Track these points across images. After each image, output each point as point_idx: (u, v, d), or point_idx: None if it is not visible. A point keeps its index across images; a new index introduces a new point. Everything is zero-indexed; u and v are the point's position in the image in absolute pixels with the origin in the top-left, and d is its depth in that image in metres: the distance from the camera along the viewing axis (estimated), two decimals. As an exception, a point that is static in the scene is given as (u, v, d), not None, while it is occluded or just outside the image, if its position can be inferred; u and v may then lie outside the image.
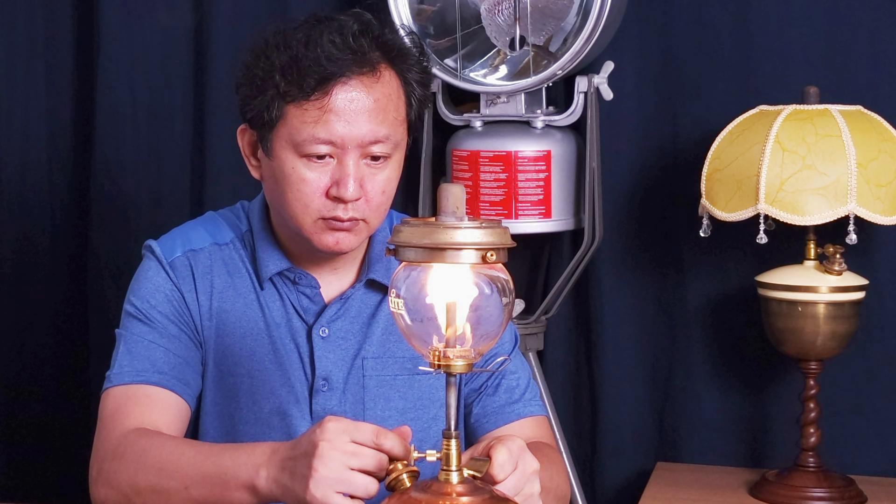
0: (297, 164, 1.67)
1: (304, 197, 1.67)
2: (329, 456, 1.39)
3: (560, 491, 1.71)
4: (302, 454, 1.42)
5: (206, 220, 1.84)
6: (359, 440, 1.40)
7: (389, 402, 1.78)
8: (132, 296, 1.78)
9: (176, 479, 1.55)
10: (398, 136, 1.69)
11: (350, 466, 1.39)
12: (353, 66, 1.65)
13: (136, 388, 1.70)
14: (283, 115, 1.67)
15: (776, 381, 2.47)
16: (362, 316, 1.79)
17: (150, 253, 1.80)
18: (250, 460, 1.49)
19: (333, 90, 1.64)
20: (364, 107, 1.65)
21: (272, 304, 1.77)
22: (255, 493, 1.49)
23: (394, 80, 1.69)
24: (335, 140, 1.65)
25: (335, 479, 1.39)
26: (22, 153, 2.78)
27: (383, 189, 1.70)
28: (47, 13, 2.77)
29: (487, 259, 1.30)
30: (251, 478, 1.48)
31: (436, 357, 1.34)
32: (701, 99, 2.47)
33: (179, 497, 1.55)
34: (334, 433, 1.40)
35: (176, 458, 1.57)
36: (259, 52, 1.69)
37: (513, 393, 1.82)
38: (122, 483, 1.60)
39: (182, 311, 1.76)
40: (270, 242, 1.78)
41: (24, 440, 2.79)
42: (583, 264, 2.45)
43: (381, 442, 1.40)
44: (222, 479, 1.51)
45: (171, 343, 1.73)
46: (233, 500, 1.51)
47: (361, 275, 1.79)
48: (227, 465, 1.51)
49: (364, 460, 1.40)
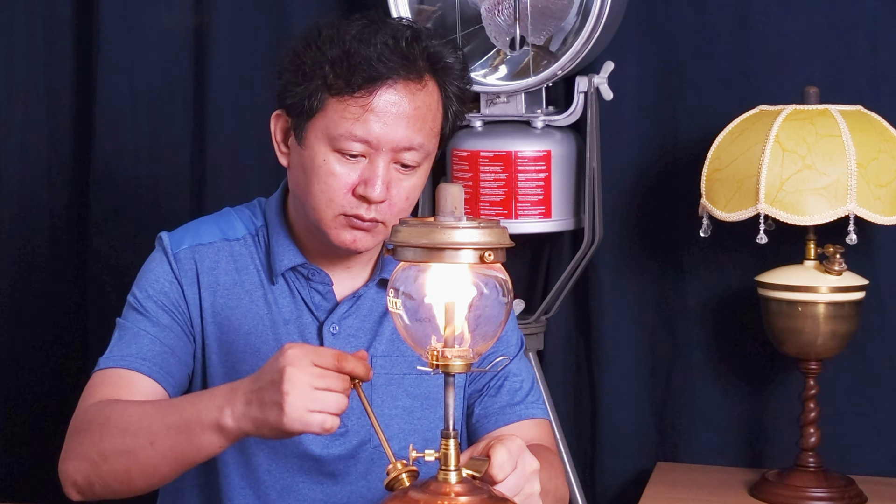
0: (329, 157, 1.68)
1: (330, 190, 1.68)
2: (298, 378, 1.43)
3: (559, 493, 1.71)
4: (269, 382, 1.45)
5: (220, 216, 1.86)
6: (321, 364, 1.44)
7: (397, 401, 1.79)
8: (135, 286, 1.80)
9: (140, 436, 1.56)
10: (430, 147, 1.71)
11: (317, 387, 1.43)
12: (401, 70, 1.66)
13: (115, 371, 1.71)
14: (323, 106, 1.68)
15: (776, 381, 2.47)
16: (373, 315, 1.80)
17: (159, 244, 1.81)
18: (212, 402, 1.51)
19: (378, 91, 1.66)
20: (404, 112, 1.67)
21: (282, 299, 1.78)
22: (222, 433, 1.50)
23: (436, 91, 1.71)
24: (371, 140, 1.66)
25: (308, 398, 1.43)
26: (21, 153, 2.78)
27: (407, 196, 1.71)
28: (47, 13, 2.77)
29: (485, 259, 1.30)
30: (216, 419, 1.50)
31: (434, 357, 1.35)
32: (701, 99, 2.47)
33: (145, 454, 1.56)
34: (297, 357, 1.44)
35: (138, 417, 1.58)
36: (311, 41, 1.70)
37: (515, 395, 1.82)
38: (88, 452, 1.60)
39: (178, 303, 1.77)
40: (286, 237, 1.79)
41: (24, 440, 2.79)
42: (583, 264, 2.45)
43: (342, 365, 1.45)
44: (187, 426, 1.53)
45: (160, 332, 1.74)
46: (200, 445, 1.52)
47: (374, 274, 1.80)
48: (188, 412, 1.53)
49: (330, 381, 1.44)
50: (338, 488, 1.77)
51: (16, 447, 2.80)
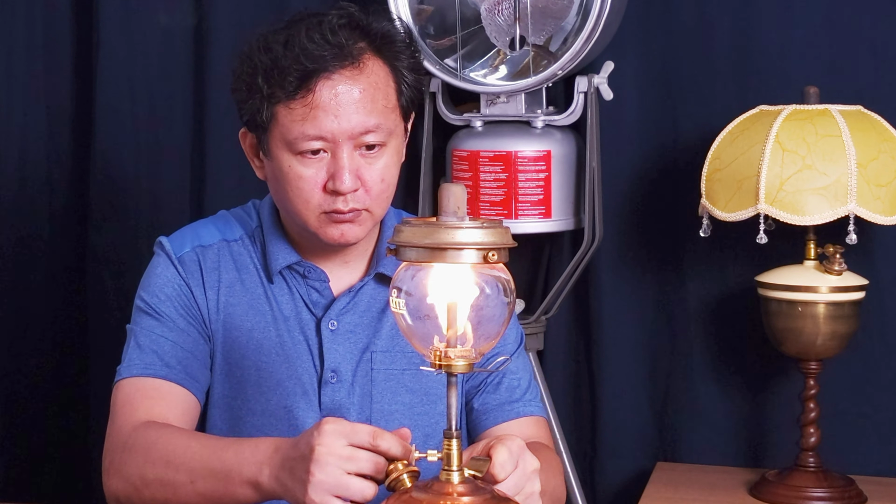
0: (293, 161, 1.69)
1: (303, 193, 1.70)
2: (325, 461, 1.40)
3: (557, 492, 1.72)
4: (300, 457, 1.43)
5: (217, 219, 1.87)
6: (356, 443, 1.41)
7: (397, 397, 1.79)
8: (142, 291, 1.80)
9: (182, 473, 1.57)
10: (390, 124, 1.71)
11: (347, 471, 1.40)
12: (333, 60, 1.66)
13: (144, 380, 1.72)
14: (273, 116, 1.69)
15: (776, 381, 2.47)
16: (372, 310, 1.80)
17: (160, 249, 1.82)
18: (254, 457, 1.51)
19: (317, 86, 1.66)
20: (350, 99, 1.67)
21: (281, 297, 1.79)
22: (258, 490, 1.50)
23: (381, 68, 1.71)
24: (325, 135, 1.67)
25: (332, 483, 1.40)
26: (21, 153, 2.78)
27: (382, 177, 1.71)
28: (47, 12, 2.77)
29: (489, 259, 1.30)
30: (254, 475, 1.50)
31: (437, 357, 1.35)
32: (701, 99, 2.47)
33: (185, 490, 1.57)
34: (331, 436, 1.41)
35: (182, 452, 1.59)
36: (244, 56, 1.72)
37: (514, 392, 1.82)
38: (131, 475, 1.62)
39: (190, 305, 1.78)
40: (280, 237, 1.80)
41: (24, 440, 2.79)
42: (583, 264, 2.45)
43: (377, 444, 1.41)
44: (226, 475, 1.53)
45: (179, 336, 1.76)
46: (237, 495, 1.53)
47: (371, 269, 1.81)
48: (231, 461, 1.53)
49: (360, 464, 1.40)
50: None
51: (15, 447, 2.79)
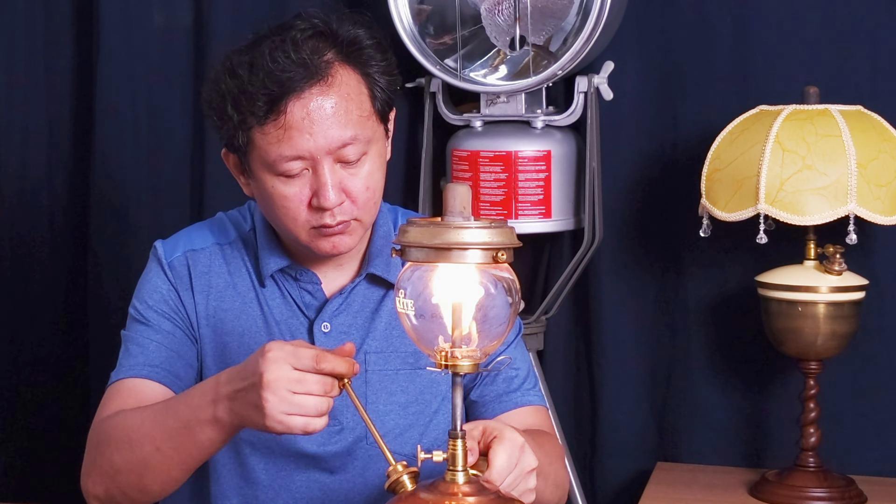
0: (276, 182, 1.68)
1: (290, 212, 1.69)
2: (276, 386, 1.44)
3: (559, 477, 1.72)
4: (250, 385, 1.47)
5: (212, 222, 1.87)
6: (299, 366, 1.45)
7: (392, 397, 1.78)
8: (135, 298, 1.81)
9: (146, 445, 1.58)
10: (368, 133, 1.68)
11: (295, 391, 1.44)
12: (301, 80, 1.63)
13: (125, 381, 1.73)
14: (249, 139, 1.67)
15: (776, 381, 2.47)
16: (365, 311, 1.80)
17: (153, 254, 1.83)
18: (203, 398, 1.54)
19: (287, 107, 1.63)
20: (323, 115, 1.64)
21: (273, 301, 1.79)
22: (219, 427, 1.53)
23: (351, 77, 1.68)
24: (303, 154, 1.65)
25: (286, 403, 1.44)
26: (21, 153, 2.78)
27: (367, 186, 1.69)
28: (47, 13, 2.77)
29: (498, 259, 1.31)
30: (210, 413, 1.52)
31: (442, 357, 1.35)
32: (701, 99, 2.47)
33: (154, 460, 1.58)
34: (276, 363, 1.45)
35: (139, 426, 1.60)
36: (211, 83, 1.70)
37: (511, 382, 1.82)
38: (103, 467, 1.63)
39: (178, 309, 1.78)
40: (272, 241, 1.80)
41: (24, 440, 2.79)
42: (583, 264, 2.45)
43: (321, 367, 1.45)
44: (185, 426, 1.55)
45: (164, 338, 1.76)
46: (202, 441, 1.55)
47: (362, 269, 1.80)
48: (184, 411, 1.55)
49: (309, 386, 1.45)
50: (336, 485, 1.77)
51: (15, 448, 2.79)
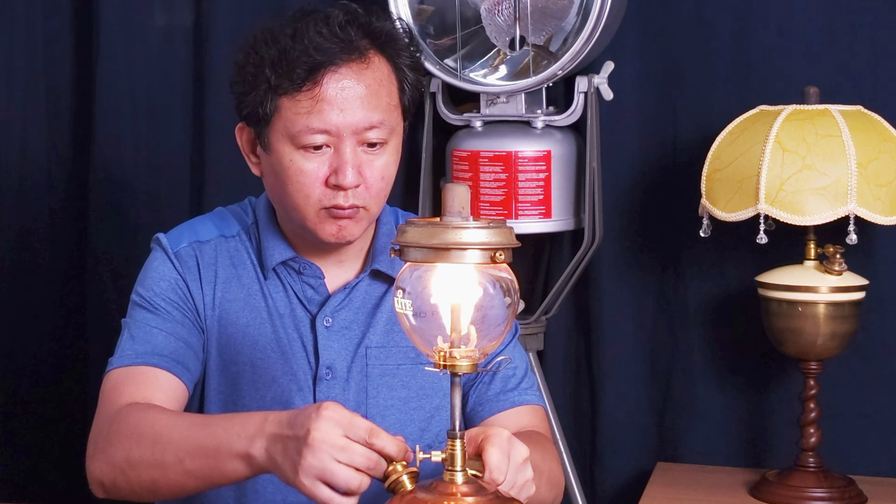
0: (295, 155, 1.69)
1: (304, 188, 1.69)
2: (319, 447, 1.40)
3: (553, 475, 1.72)
4: (294, 437, 1.42)
5: (214, 215, 1.87)
6: (351, 436, 1.41)
7: (392, 392, 1.78)
8: (138, 286, 1.80)
9: (169, 452, 1.55)
10: (393, 122, 1.71)
11: (338, 460, 1.40)
12: (341, 54, 1.67)
13: (134, 369, 1.71)
14: (276, 108, 1.68)
15: (776, 381, 2.47)
16: (367, 306, 1.80)
17: (157, 245, 1.82)
18: (245, 431, 1.49)
19: (324, 79, 1.66)
20: (356, 94, 1.67)
21: (276, 294, 1.79)
22: (248, 463, 1.49)
23: (384, 65, 1.71)
24: (330, 129, 1.67)
25: (320, 468, 1.39)
26: (21, 153, 2.78)
27: (382, 175, 1.71)
28: (47, 13, 2.77)
29: (496, 259, 1.31)
30: (245, 448, 1.48)
31: (441, 357, 1.35)
32: (701, 99, 2.47)
33: (174, 470, 1.55)
34: (328, 423, 1.40)
35: (169, 431, 1.57)
36: (249, 48, 1.71)
37: (508, 381, 1.82)
38: (117, 457, 1.60)
39: (186, 298, 1.78)
40: (275, 233, 1.80)
41: (24, 440, 2.79)
42: (583, 264, 2.45)
43: (373, 441, 1.41)
44: (216, 451, 1.51)
45: (173, 328, 1.75)
46: (227, 471, 1.51)
47: (366, 266, 1.81)
48: (220, 436, 1.51)
49: (353, 457, 1.40)
50: None
51: (15, 447, 2.79)
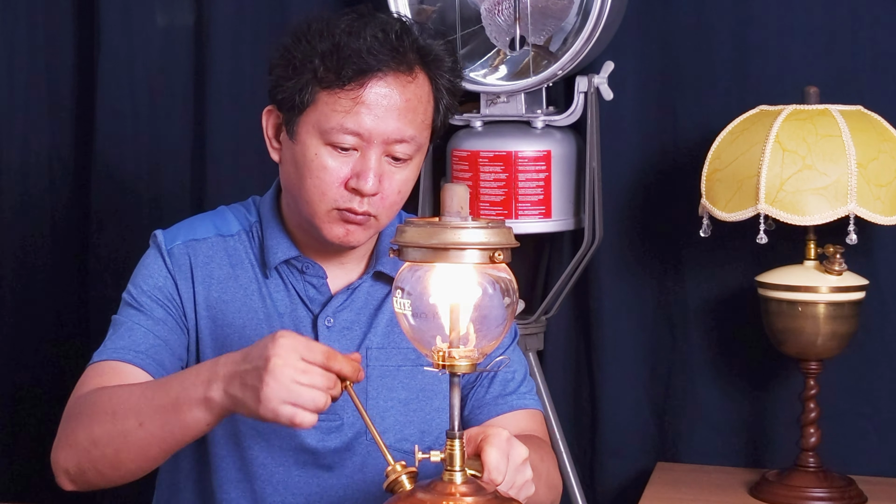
0: (321, 150, 1.69)
1: (322, 184, 1.69)
2: (280, 372, 1.43)
3: (551, 478, 1.72)
4: (253, 368, 1.45)
5: (214, 214, 1.87)
6: (309, 359, 1.44)
7: (392, 393, 1.79)
8: (130, 283, 1.80)
9: (130, 419, 1.56)
10: (422, 139, 1.72)
11: (299, 382, 1.43)
12: (391, 62, 1.67)
13: (108, 363, 1.71)
14: (314, 100, 1.68)
15: (776, 381, 2.47)
16: (368, 307, 1.80)
17: (153, 242, 1.83)
18: (198, 379, 1.52)
19: (369, 83, 1.67)
20: (395, 104, 1.67)
21: (276, 293, 1.79)
22: (208, 407, 1.51)
23: (426, 83, 1.72)
24: (362, 132, 1.67)
25: (285, 391, 1.43)
26: (22, 153, 2.78)
27: (399, 189, 1.72)
28: (47, 13, 2.77)
29: (495, 259, 1.31)
30: (202, 393, 1.50)
31: (440, 357, 1.35)
32: (701, 99, 2.48)
33: (135, 436, 1.56)
34: (286, 349, 1.44)
35: (126, 399, 1.58)
36: (301, 35, 1.71)
37: (507, 385, 1.83)
38: (79, 439, 1.61)
39: (172, 297, 1.78)
40: (280, 231, 1.80)
41: (24, 440, 2.79)
42: (583, 264, 2.45)
43: (330, 364, 1.45)
44: (174, 404, 1.53)
45: (154, 325, 1.75)
46: (188, 421, 1.52)
47: (369, 267, 1.81)
48: (176, 389, 1.54)
49: (314, 378, 1.44)
50: (334, 481, 1.77)
51: (15, 448, 2.79)
